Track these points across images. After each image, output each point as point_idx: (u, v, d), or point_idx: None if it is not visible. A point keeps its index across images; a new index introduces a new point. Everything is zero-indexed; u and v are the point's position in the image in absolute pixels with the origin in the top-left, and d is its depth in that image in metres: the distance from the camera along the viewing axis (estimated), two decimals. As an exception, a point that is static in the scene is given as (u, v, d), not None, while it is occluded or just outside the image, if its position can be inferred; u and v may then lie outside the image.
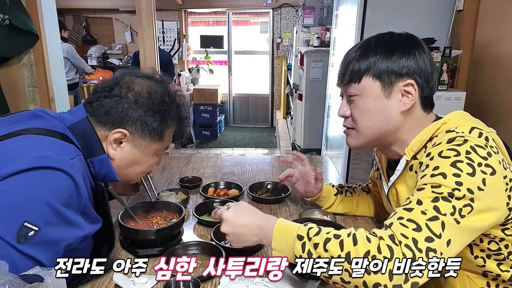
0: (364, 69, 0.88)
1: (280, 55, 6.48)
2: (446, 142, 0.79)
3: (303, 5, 4.17)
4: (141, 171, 0.99)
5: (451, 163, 0.74)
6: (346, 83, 0.92)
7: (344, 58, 0.95)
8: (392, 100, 0.88)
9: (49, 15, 2.08)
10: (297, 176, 1.23)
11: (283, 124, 5.89)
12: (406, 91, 0.87)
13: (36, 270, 0.76)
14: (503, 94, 1.94)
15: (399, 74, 0.86)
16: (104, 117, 0.90)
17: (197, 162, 1.78)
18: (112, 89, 0.91)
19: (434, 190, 0.73)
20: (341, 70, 0.94)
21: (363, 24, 2.24)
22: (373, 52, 0.88)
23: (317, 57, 3.60)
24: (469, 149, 0.75)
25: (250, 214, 0.85)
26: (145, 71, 1.00)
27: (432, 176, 0.75)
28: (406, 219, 0.71)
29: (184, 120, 1.02)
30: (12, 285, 0.67)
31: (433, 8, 2.21)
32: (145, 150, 0.94)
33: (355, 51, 0.92)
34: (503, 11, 1.95)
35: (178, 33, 6.33)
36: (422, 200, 0.73)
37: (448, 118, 0.87)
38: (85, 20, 6.31)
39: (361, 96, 0.90)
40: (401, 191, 0.94)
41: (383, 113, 0.89)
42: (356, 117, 0.92)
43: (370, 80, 0.88)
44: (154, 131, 0.93)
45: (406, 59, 0.86)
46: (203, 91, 6.00)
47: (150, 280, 0.88)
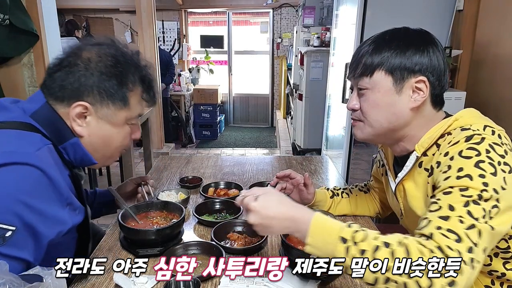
0: (377, 63, 0.88)
1: (280, 55, 6.48)
2: (464, 140, 0.78)
3: (303, 5, 4.17)
4: (116, 147, 0.95)
5: (474, 163, 0.74)
6: (357, 76, 0.92)
7: (356, 51, 0.94)
8: (403, 96, 0.88)
9: (49, 15, 2.08)
10: (290, 187, 1.22)
11: (283, 124, 5.89)
12: (417, 87, 0.87)
13: (36, 270, 0.76)
14: (503, 94, 1.94)
15: (412, 71, 0.86)
16: (59, 92, 0.85)
17: (197, 162, 1.78)
18: (62, 62, 0.87)
19: (463, 193, 0.73)
20: (354, 63, 0.94)
21: (363, 24, 2.24)
22: (387, 47, 0.88)
23: (317, 57, 3.60)
24: (488, 147, 0.75)
25: (280, 204, 0.79)
26: (96, 39, 0.95)
27: (458, 178, 0.74)
28: (446, 229, 0.69)
29: (147, 81, 0.95)
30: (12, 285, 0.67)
31: (433, 8, 2.21)
32: (113, 120, 0.90)
33: (368, 44, 0.91)
34: (503, 11, 1.95)
35: (178, 33, 6.33)
36: (454, 205, 0.72)
37: (460, 115, 0.87)
38: (85, 20, 6.31)
39: (372, 90, 0.90)
40: (409, 187, 0.94)
41: (392, 108, 0.89)
42: (366, 110, 0.92)
43: (382, 75, 0.88)
44: (114, 97, 0.88)
45: (420, 55, 0.86)
46: (203, 91, 6.00)
47: (150, 280, 0.88)
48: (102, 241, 1.08)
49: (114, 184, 2.17)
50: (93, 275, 0.91)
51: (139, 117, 0.99)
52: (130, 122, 0.94)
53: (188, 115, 5.78)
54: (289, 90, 5.44)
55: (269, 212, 0.77)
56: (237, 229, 1.11)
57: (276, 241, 1.08)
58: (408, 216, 0.99)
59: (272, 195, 0.81)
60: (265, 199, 0.79)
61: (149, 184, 1.27)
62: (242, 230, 1.11)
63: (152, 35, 4.43)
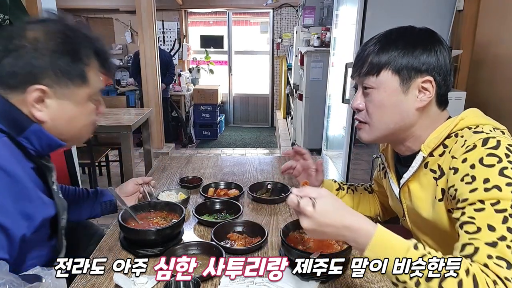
0: (384, 62, 0.87)
1: (280, 55, 6.48)
2: (481, 145, 0.76)
3: (303, 5, 4.17)
4: (83, 125, 0.91)
5: (499, 171, 0.72)
6: (363, 74, 0.90)
7: (361, 49, 0.93)
8: (409, 96, 0.87)
9: (49, 15, 2.08)
10: (299, 169, 1.24)
11: (283, 124, 5.89)
12: (423, 87, 0.86)
13: (36, 270, 0.76)
14: (503, 94, 1.94)
15: (419, 70, 0.86)
16: (11, 79, 0.81)
17: (197, 162, 1.78)
18: (6, 46, 0.81)
19: (496, 208, 0.71)
20: (359, 61, 0.92)
21: (363, 24, 2.24)
22: (394, 46, 0.87)
23: (317, 57, 3.60)
24: (506, 151, 0.74)
25: (338, 210, 0.74)
26: (37, 16, 0.91)
27: (486, 191, 0.72)
28: (496, 257, 0.68)
29: (102, 52, 0.91)
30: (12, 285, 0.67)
31: (433, 8, 2.21)
32: (74, 99, 0.86)
33: (374, 43, 0.90)
34: (503, 11, 1.95)
35: (178, 33, 6.33)
36: (493, 225, 0.70)
37: (465, 115, 0.87)
38: (85, 20, 6.31)
39: (378, 90, 0.89)
40: (414, 188, 0.93)
41: (398, 108, 0.88)
42: (371, 111, 0.91)
43: (389, 74, 0.87)
44: (71, 74, 0.83)
45: (427, 55, 0.85)
46: (203, 91, 6.00)
47: (150, 280, 0.88)
48: (102, 241, 1.08)
49: (114, 184, 2.17)
50: (93, 275, 0.91)
51: (101, 91, 0.95)
52: (92, 98, 0.90)
53: (188, 115, 5.78)
54: (289, 90, 5.44)
55: (326, 219, 0.72)
56: (237, 229, 1.11)
57: (276, 241, 1.08)
58: (411, 217, 0.99)
59: (329, 199, 0.75)
60: (322, 204, 0.73)
61: (150, 184, 1.28)
62: (242, 230, 1.11)
63: (152, 35, 4.43)
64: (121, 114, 3.37)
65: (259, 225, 1.11)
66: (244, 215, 1.23)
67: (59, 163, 1.62)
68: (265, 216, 1.24)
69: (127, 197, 1.25)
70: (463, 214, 0.75)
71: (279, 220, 1.21)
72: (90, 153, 2.96)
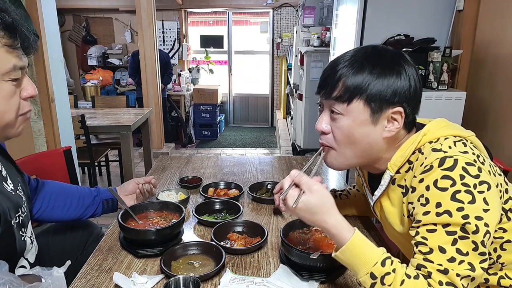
0: (357, 90, 0.83)
1: (280, 55, 6.48)
2: (437, 165, 0.76)
3: (303, 5, 4.17)
4: (2, 111, 0.81)
5: (451, 196, 0.73)
6: (333, 99, 0.86)
7: (331, 68, 0.88)
8: (378, 126, 0.85)
9: (49, 15, 2.08)
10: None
11: (283, 124, 5.89)
12: (393, 118, 0.85)
13: (36, 270, 0.76)
14: (503, 94, 1.94)
15: (391, 102, 0.83)
16: None
17: (197, 162, 1.78)
18: None
19: (447, 230, 0.73)
20: (328, 83, 0.87)
21: (363, 24, 2.24)
22: (368, 72, 0.83)
23: (317, 57, 3.60)
24: (461, 172, 0.74)
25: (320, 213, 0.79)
26: None
27: (438, 216, 0.74)
28: (446, 283, 0.71)
29: (8, 25, 0.78)
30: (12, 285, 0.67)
31: (433, 8, 2.21)
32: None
33: (347, 66, 0.85)
34: (503, 11, 1.95)
35: (178, 33, 6.32)
36: (444, 246, 0.73)
37: (427, 129, 0.86)
38: (85, 20, 6.31)
39: (347, 118, 0.85)
40: (386, 205, 0.94)
41: (367, 138, 0.86)
42: (338, 138, 0.88)
43: (361, 105, 0.84)
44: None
45: (398, 82, 0.83)
46: (203, 91, 6.00)
47: (150, 280, 0.88)
48: (102, 241, 1.07)
49: (114, 184, 2.17)
50: (92, 275, 0.91)
51: (22, 70, 0.84)
52: (7, 78, 0.80)
53: (188, 115, 5.78)
54: (289, 90, 5.44)
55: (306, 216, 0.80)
56: (237, 229, 1.11)
57: (276, 241, 1.08)
58: (387, 229, 1.00)
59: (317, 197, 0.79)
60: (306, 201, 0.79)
61: (151, 183, 1.30)
62: (242, 230, 1.11)
63: (152, 35, 4.43)
64: (120, 114, 3.37)
65: (259, 225, 1.11)
66: (244, 215, 1.23)
67: (59, 163, 1.62)
68: (265, 216, 1.24)
69: (127, 196, 1.26)
70: (417, 233, 0.77)
71: (279, 220, 1.21)
72: (90, 153, 2.96)
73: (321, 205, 0.79)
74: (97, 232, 1.30)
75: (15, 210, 0.92)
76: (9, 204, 0.89)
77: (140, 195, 1.27)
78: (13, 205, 0.91)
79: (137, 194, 1.28)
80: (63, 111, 2.25)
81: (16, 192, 0.96)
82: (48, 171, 1.58)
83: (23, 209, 0.96)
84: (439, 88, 1.93)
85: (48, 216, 1.18)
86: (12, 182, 0.96)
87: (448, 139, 0.82)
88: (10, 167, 1.00)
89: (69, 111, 2.38)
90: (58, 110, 2.18)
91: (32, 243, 1.00)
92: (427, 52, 1.99)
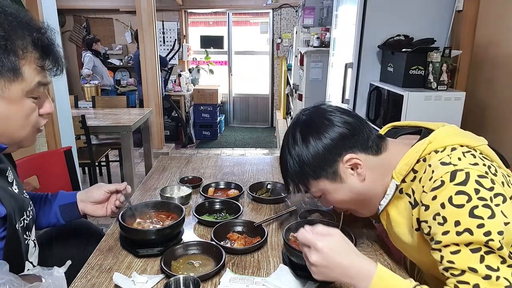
0: (301, 179, 0.90)
1: (280, 56, 6.48)
2: (449, 180, 0.74)
3: (303, 6, 4.18)
4: (21, 126, 0.82)
5: (468, 213, 0.70)
6: (302, 192, 0.94)
7: (280, 169, 0.96)
8: (348, 179, 0.88)
9: (49, 15, 2.08)
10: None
11: (283, 124, 5.89)
12: (351, 165, 0.87)
13: (36, 270, 0.76)
14: (503, 94, 1.94)
15: (332, 161, 0.86)
16: None
17: (197, 162, 1.78)
18: None
19: (470, 248, 0.71)
20: (285, 183, 0.95)
21: (363, 24, 2.24)
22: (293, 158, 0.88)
23: (317, 57, 3.60)
24: (475, 185, 0.72)
25: (346, 251, 0.75)
26: None
27: (458, 235, 0.71)
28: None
29: (42, 45, 0.80)
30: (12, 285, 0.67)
31: (433, 8, 2.21)
32: (6, 95, 0.77)
33: (283, 162, 0.93)
34: (503, 11, 1.95)
35: (178, 33, 6.33)
36: (474, 266, 0.70)
37: (433, 137, 0.84)
38: (86, 20, 6.31)
39: (325, 194, 0.91)
40: (393, 215, 0.92)
41: (352, 193, 0.89)
42: (339, 207, 0.97)
43: (317, 183, 0.89)
44: (1, 68, 0.75)
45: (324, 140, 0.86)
46: (203, 91, 6.00)
47: (150, 280, 0.88)
48: (102, 241, 1.08)
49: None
50: (92, 275, 0.91)
51: (44, 87, 0.85)
52: (31, 95, 0.81)
53: (188, 115, 5.78)
54: (289, 90, 5.44)
55: (336, 257, 0.74)
56: (237, 229, 1.12)
57: (276, 241, 1.08)
58: (393, 238, 0.98)
59: (339, 238, 0.77)
60: (333, 241, 0.75)
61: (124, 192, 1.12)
62: (242, 230, 1.11)
63: (152, 36, 4.43)
64: (121, 114, 3.38)
65: (259, 225, 1.11)
66: (244, 215, 1.24)
67: (59, 163, 1.62)
68: (265, 216, 1.24)
69: (96, 205, 1.11)
70: (442, 258, 0.74)
71: (278, 220, 1.21)
72: (90, 153, 2.96)
73: (345, 243, 0.77)
74: (97, 232, 1.30)
75: (20, 213, 0.92)
76: (15, 206, 0.89)
77: (115, 210, 1.12)
78: (19, 208, 0.91)
79: (112, 209, 1.12)
80: (64, 111, 2.25)
81: (22, 195, 0.96)
82: (49, 171, 1.58)
83: (28, 212, 0.96)
84: (438, 88, 1.93)
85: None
86: (18, 187, 0.96)
87: (456, 151, 0.79)
88: (15, 171, 1.01)
89: (70, 111, 2.38)
90: (59, 110, 2.18)
91: (35, 246, 1.01)
92: (427, 53, 1.99)
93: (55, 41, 0.85)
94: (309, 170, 0.87)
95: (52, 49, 0.83)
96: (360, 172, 0.87)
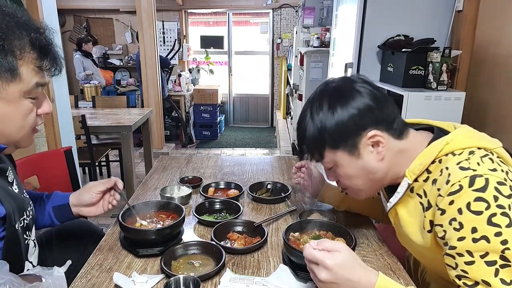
0: (317, 148, 0.87)
1: (280, 56, 6.48)
2: (467, 186, 0.72)
3: (303, 6, 4.18)
4: (19, 126, 0.82)
5: (487, 220, 0.69)
6: (315, 161, 0.91)
7: (297, 134, 0.92)
8: (366, 156, 0.85)
9: (49, 15, 2.08)
10: (307, 180, 1.28)
11: (283, 124, 5.89)
12: (373, 142, 0.84)
13: (36, 270, 0.76)
14: (503, 94, 1.94)
15: (355, 133, 0.83)
16: None
17: (197, 162, 1.78)
18: None
19: (486, 260, 0.70)
20: (299, 150, 0.92)
21: (363, 24, 2.24)
22: (315, 124, 0.85)
23: (317, 57, 3.60)
24: (495, 192, 0.70)
25: (355, 267, 0.74)
26: None
27: (474, 242, 0.70)
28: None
29: (40, 45, 0.79)
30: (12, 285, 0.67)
31: (433, 9, 2.21)
32: (4, 96, 0.77)
33: (301, 127, 0.89)
34: (503, 11, 1.95)
35: (179, 33, 6.33)
36: (487, 280, 0.69)
37: (450, 138, 0.82)
38: (86, 20, 6.31)
39: (336, 166, 0.89)
40: (402, 214, 0.91)
41: (365, 170, 0.87)
42: (343, 182, 0.93)
43: (333, 153, 0.86)
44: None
45: (351, 110, 0.82)
46: (203, 91, 6.01)
47: (150, 279, 0.88)
48: (102, 241, 1.08)
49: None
50: (93, 275, 0.91)
51: (42, 87, 0.85)
52: (28, 96, 0.81)
53: (188, 115, 5.78)
54: (289, 90, 5.44)
55: (346, 273, 0.71)
56: (237, 229, 1.12)
57: (276, 241, 1.08)
58: (401, 236, 0.98)
59: (347, 253, 0.74)
60: (342, 257, 0.73)
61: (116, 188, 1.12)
62: (242, 230, 1.11)
63: (152, 36, 4.43)
64: (121, 114, 3.38)
65: (259, 225, 1.11)
66: (244, 215, 1.24)
67: (60, 163, 1.62)
68: (265, 216, 1.24)
69: (90, 207, 1.11)
70: (456, 265, 0.73)
71: (278, 220, 1.21)
72: (90, 153, 2.96)
73: (352, 257, 0.75)
74: (97, 232, 1.30)
75: (20, 213, 0.92)
76: (15, 206, 0.89)
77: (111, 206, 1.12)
78: (19, 208, 0.91)
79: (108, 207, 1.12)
80: (64, 111, 2.25)
81: (22, 195, 0.96)
82: (49, 171, 1.58)
83: (27, 212, 0.96)
84: (438, 88, 1.93)
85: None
86: (18, 187, 0.96)
87: (474, 155, 0.78)
88: (15, 171, 1.01)
89: (70, 111, 2.38)
90: (59, 110, 2.18)
91: (35, 246, 1.01)
92: (427, 53, 1.99)
93: (53, 41, 0.84)
94: (329, 138, 0.84)
95: (50, 49, 0.82)
96: (380, 151, 0.85)
